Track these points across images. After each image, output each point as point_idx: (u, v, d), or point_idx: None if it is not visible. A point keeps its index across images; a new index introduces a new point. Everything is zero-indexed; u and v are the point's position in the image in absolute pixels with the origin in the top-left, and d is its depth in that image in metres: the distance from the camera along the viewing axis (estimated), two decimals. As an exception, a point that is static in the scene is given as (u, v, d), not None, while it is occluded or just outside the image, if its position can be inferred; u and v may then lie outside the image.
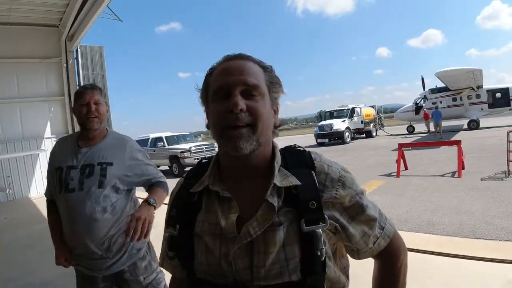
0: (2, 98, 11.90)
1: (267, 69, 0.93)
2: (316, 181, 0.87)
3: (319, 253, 0.82)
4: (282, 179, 0.87)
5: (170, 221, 0.97)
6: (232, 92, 0.84)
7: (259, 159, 0.90)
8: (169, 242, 0.96)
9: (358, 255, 0.98)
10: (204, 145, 15.61)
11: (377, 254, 0.99)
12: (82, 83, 13.53)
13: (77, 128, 2.10)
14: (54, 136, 12.67)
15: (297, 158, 0.93)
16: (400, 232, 3.25)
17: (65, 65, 13.11)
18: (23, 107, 12.30)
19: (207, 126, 0.93)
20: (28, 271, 4.53)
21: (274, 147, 0.95)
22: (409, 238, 4.22)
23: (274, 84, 0.92)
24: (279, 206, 0.84)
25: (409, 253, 3.25)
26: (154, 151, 16.28)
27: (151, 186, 2.11)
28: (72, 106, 2.08)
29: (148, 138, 16.93)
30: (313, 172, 0.89)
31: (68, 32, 12.50)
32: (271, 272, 0.81)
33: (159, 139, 16.32)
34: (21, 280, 4.22)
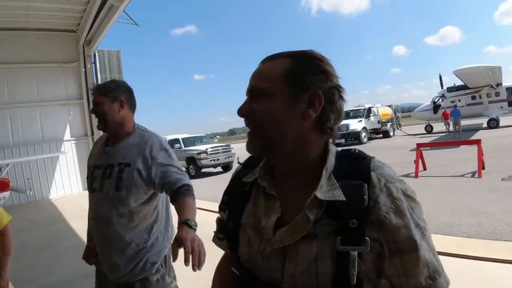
0: (23, 102, 12.25)
1: (298, 59, 0.84)
2: (367, 197, 0.75)
3: (351, 277, 0.73)
4: (327, 190, 0.78)
5: (221, 205, 0.99)
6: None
7: (297, 160, 0.85)
8: (219, 225, 1.00)
9: None
10: (220, 146, 15.71)
11: None
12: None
13: (96, 131, 2.14)
14: (74, 138, 12.98)
15: (351, 166, 0.82)
16: None
17: (83, 69, 13.40)
18: (43, 111, 12.63)
19: None
20: (47, 271, 4.62)
21: (327, 150, 0.86)
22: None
23: (303, 73, 0.82)
24: (318, 217, 0.77)
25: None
26: (171, 153, 16.40)
27: (176, 194, 1.75)
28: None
29: (165, 140, 17.08)
30: (365, 185, 0.76)
31: (86, 37, 12.76)
32: (300, 281, 0.79)
33: (176, 140, 16.48)
34: (39, 280, 4.30)
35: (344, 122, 22.07)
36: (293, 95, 0.81)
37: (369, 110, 22.95)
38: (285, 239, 0.79)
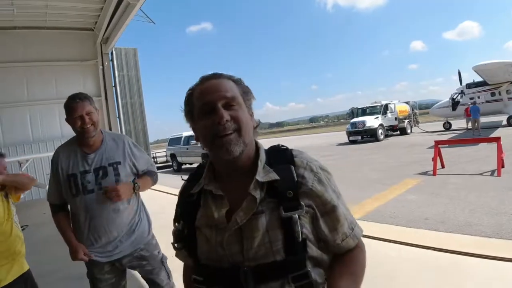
0: (42, 99, 12.57)
1: (238, 82, 1.07)
2: (295, 174, 1.00)
3: (297, 236, 0.94)
4: (264, 175, 1.00)
5: (176, 218, 1.13)
6: (215, 107, 0.98)
7: (245, 159, 1.03)
8: (176, 235, 1.11)
9: (327, 248, 1.05)
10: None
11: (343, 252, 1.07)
12: (118, 84, 14.03)
13: (113, 127, 2.32)
14: (92, 135, 13.16)
15: (279, 156, 1.06)
16: (437, 233, 3.14)
17: (101, 67, 13.64)
18: (61, 108, 12.69)
19: (197, 139, 1.08)
20: (67, 264, 4.62)
21: (258, 148, 1.08)
22: (446, 239, 4.12)
23: (246, 93, 1.07)
24: (261, 198, 0.97)
25: (446, 254, 3.17)
26: (187, 148, 16.57)
27: (144, 173, 2.38)
28: (65, 118, 2.20)
29: (181, 137, 17.26)
30: (292, 166, 1.01)
31: (103, 35, 12.96)
32: (258, 253, 0.95)
33: (192, 137, 16.61)
34: (60, 272, 4.38)
35: (360, 119, 21.85)
36: (247, 106, 1.05)
37: (386, 106, 22.63)
38: (239, 219, 0.96)
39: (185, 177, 1.19)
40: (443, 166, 9.09)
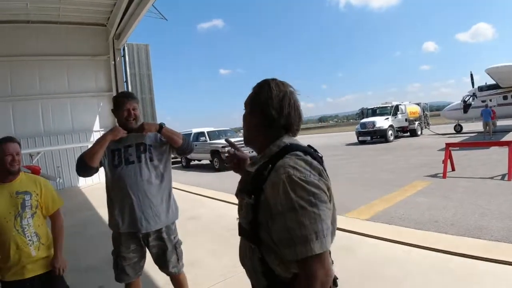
0: (54, 93, 12.75)
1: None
2: (266, 172, 1.17)
3: (251, 217, 1.21)
4: (251, 167, 1.33)
5: None
6: None
7: (259, 153, 1.34)
8: None
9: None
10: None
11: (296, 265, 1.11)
12: (129, 80, 14.14)
13: None
14: (102, 129, 13.35)
15: (277, 155, 1.19)
16: (446, 236, 3.13)
17: (113, 62, 13.76)
18: (73, 102, 13.07)
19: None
20: (76, 257, 4.74)
21: (269, 145, 1.29)
22: (456, 242, 4.07)
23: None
24: (248, 183, 1.27)
25: (456, 257, 3.14)
26: (196, 145, 16.60)
27: None
28: (112, 108, 2.60)
29: (191, 133, 17.32)
30: (270, 165, 1.18)
31: (116, 31, 13.06)
32: (242, 222, 1.29)
33: (201, 134, 16.69)
34: (69, 264, 4.41)
35: (370, 119, 21.67)
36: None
37: (396, 107, 22.41)
38: (238, 195, 1.36)
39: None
40: (453, 169, 8.99)
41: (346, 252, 4.05)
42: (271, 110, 1.23)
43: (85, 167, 2.40)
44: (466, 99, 22.36)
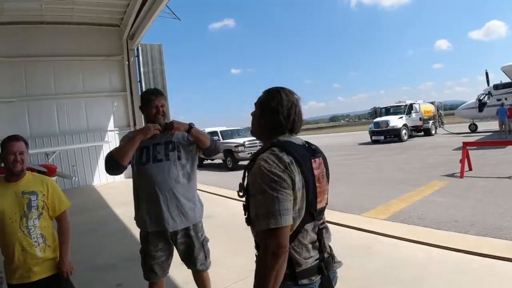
0: (69, 93, 12.91)
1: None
2: (253, 163, 1.42)
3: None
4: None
5: None
6: None
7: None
8: None
9: None
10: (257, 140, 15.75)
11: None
12: (143, 80, 14.24)
13: (138, 122, 2.50)
14: (117, 129, 13.49)
15: (261, 150, 1.46)
16: (467, 236, 3.58)
17: (126, 62, 13.86)
18: (88, 102, 13.22)
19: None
20: (92, 255, 4.81)
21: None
22: (476, 242, 3.99)
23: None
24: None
25: (478, 258, 3.06)
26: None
27: None
28: (140, 105, 2.63)
29: (204, 132, 17.36)
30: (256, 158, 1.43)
31: (129, 31, 13.16)
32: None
33: (214, 133, 16.72)
34: (85, 263, 4.45)
35: (384, 118, 21.40)
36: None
37: (410, 106, 22.10)
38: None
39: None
40: (470, 169, 8.83)
41: (365, 252, 4.01)
42: (280, 117, 1.46)
43: (116, 167, 2.40)
44: (481, 98, 21.92)
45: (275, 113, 1.46)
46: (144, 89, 14.13)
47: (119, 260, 4.49)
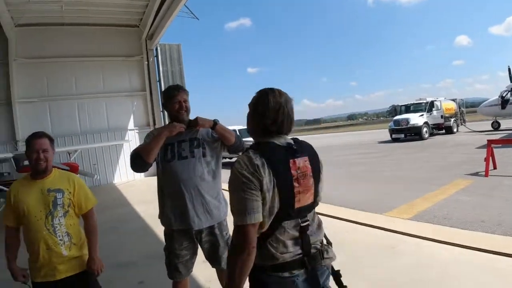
0: (90, 93, 13.22)
1: None
2: None
3: None
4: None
5: None
6: None
7: None
8: None
9: None
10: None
11: None
12: (162, 79, 14.42)
13: (157, 121, 2.45)
14: (137, 128, 13.71)
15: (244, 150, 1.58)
16: (494, 236, 3.58)
17: (146, 62, 14.07)
18: (108, 102, 13.49)
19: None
20: (113, 252, 4.83)
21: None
22: (504, 242, 3.87)
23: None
24: None
25: (505, 258, 2.97)
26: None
27: None
28: (162, 102, 2.62)
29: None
30: None
31: (148, 31, 13.33)
32: None
33: (233, 131, 16.75)
34: (106, 260, 4.45)
35: (404, 116, 20.96)
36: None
37: (431, 104, 21.61)
38: None
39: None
40: (495, 167, 8.57)
41: (389, 252, 3.93)
42: (266, 120, 1.51)
43: (141, 163, 2.38)
44: (504, 95, 21.26)
45: (262, 117, 1.52)
46: (163, 89, 14.30)
47: (141, 258, 4.52)
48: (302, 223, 1.50)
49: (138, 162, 2.38)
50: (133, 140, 13.20)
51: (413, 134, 20.17)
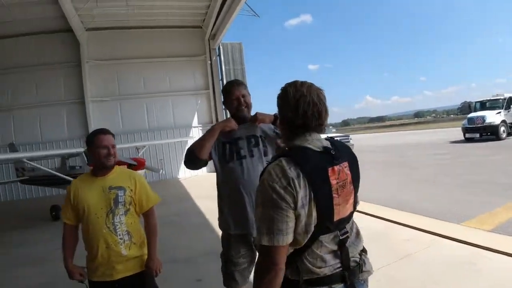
0: (157, 92, 14.03)
1: None
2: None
3: None
4: None
5: None
6: None
7: None
8: None
9: None
10: (339, 136, 15.62)
11: None
12: (224, 78, 14.86)
13: (220, 118, 2.40)
14: (200, 125, 14.27)
15: (274, 158, 1.38)
16: None
17: (209, 62, 14.55)
18: (174, 100, 14.19)
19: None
20: (172, 247, 4.82)
21: None
22: None
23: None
24: None
25: None
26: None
27: None
28: (222, 100, 2.47)
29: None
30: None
31: (211, 31, 13.73)
32: None
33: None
34: (166, 254, 4.43)
35: (479, 113, 19.25)
36: None
37: (510, 100, 19.67)
38: None
39: None
40: None
41: (467, 269, 3.42)
42: (288, 113, 1.35)
43: (194, 159, 2.27)
44: None
45: (283, 109, 1.40)
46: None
47: (200, 255, 4.47)
48: (341, 235, 1.36)
49: (191, 157, 2.27)
50: (197, 137, 13.59)
51: (489, 133, 18.50)
